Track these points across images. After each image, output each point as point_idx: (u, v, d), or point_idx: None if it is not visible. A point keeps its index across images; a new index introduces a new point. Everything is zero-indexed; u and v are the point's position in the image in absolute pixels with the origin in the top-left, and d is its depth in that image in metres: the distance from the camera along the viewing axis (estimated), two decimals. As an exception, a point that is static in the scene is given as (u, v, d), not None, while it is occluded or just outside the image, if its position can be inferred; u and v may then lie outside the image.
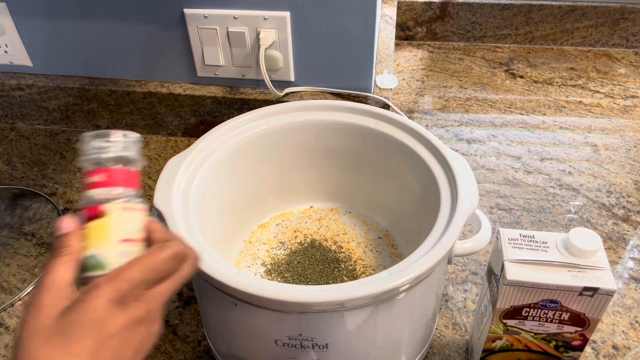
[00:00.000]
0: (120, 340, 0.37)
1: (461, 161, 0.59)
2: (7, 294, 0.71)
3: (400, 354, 0.57)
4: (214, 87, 0.90)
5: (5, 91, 0.94)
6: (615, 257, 0.73)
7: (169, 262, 0.40)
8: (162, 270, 0.39)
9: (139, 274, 0.38)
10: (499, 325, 0.54)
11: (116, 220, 0.38)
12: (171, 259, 0.40)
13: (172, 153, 0.92)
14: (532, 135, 0.94)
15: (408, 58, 1.15)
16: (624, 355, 0.63)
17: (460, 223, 0.52)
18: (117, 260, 0.38)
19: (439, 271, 0.54)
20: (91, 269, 0.38)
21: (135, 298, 0.38)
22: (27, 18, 0.88)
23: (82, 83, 0.92)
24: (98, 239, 0.38)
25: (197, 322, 0.67)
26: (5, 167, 0.91)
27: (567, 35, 1.14)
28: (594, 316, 0.51)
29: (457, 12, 1.14)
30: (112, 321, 0.36)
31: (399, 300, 0.50)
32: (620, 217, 0.79)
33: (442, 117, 0.98)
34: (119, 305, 0.37)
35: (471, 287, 0.70)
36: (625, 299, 0.68)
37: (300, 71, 0.86)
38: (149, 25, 0.85)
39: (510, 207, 0.81)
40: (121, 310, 0.37)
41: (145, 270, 0.38)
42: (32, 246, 0.77)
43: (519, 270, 0.50)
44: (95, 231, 0.38)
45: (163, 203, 0.55)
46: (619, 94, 1.02)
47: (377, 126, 0.65)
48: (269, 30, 0.80)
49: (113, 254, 0.39)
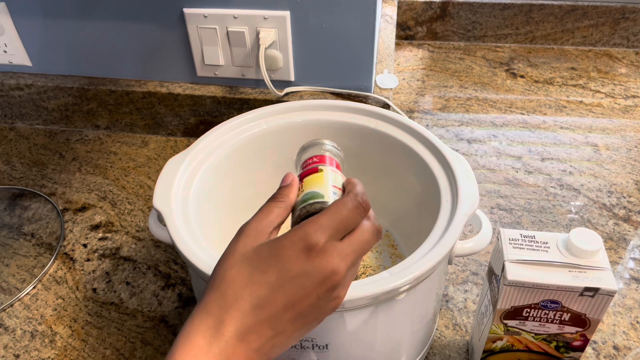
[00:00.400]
0: (298, 287, 0.37)
1: (462, 161, 0.58)
2: (6, 294, 0.71)
3: (401, 354, 0.57)
4: (214, 87, 0.90)
5: (4, 91, 0.94)
6: (616, 258, 0.73)
7: (353, 210, 0.40)
8: (348, 217, 0.39)
9: (326, 221, 0.38)
10: (499, 325, 0.53)
11: (329, 174, 0.45)
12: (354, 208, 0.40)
13: (171, 153, 0.92)
14: (532, 135, 0.94)
15: (408, 58, 1.14)
16: (624, 355, 0.62)
17: (460, 223, 0.52)
18: (331, 196, 0.43)
19: (439, 271, 0.53)
20: (310, 199, 0.43)
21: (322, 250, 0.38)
22: (27, 18, 0.88)
23: (82, 83, 0.92)
24: (315, 183, 0.44)
25: (197, 322, 0.67)
26: (4, 167, 0.91)
27: (568, 35, 1.14)
28: (594, 316, 0.50)
29: (458, 11, 1.14)
30: (295, 263, 0.37)
31: (399, 301, 0.49)
32: (621, 217, 0.79)
33: (442, 117, 0.98)
34: (306, 251, 0.37)
35: (472, 288, 0.70)
36: (626, 299, 0.68)
37: (300, 71, 0.86)
38: (149, 24, 0.85)
39: (511, 207, 0.80)
40: (306, 256, 0.37)
41: (332, 217, 0.39)
42: (31, 246, 0.77)
43: (520, 271, 0.49)
44: (313, 179, 0.45)
45: (162, 203, 0.55)
46: (619, 94, 1.02)
47: (377, 126, 0.65)
48: (268, 29, 0.80)
49: (328, 191, 0.43)
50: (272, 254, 0.38)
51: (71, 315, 0.68)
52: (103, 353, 0.64)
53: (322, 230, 0.38)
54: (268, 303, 0.37)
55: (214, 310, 0.37)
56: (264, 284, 0.37)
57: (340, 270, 0.38)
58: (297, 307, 0.38)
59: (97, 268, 0.74)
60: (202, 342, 0.36)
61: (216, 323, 0.36)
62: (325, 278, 0.38)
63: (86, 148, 0.94)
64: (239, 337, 0.36)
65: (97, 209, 0.82)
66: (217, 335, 0.36)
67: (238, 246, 0.39)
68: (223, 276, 0.38)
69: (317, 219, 0.39)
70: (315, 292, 0.38)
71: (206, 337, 0.36)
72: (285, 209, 0.42)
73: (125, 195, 0.85)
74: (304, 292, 0.37)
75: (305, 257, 0.37)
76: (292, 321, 0.38)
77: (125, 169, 0.89)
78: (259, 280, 0.37)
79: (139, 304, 0.69)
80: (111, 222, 0.80)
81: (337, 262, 0.38)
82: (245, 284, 0.37)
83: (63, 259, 0.75)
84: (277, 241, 0.38)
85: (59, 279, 0.73)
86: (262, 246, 0.39)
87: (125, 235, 0.78)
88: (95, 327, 0.67)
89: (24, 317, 0.68)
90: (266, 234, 0.40)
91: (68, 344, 0.65)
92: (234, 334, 0.36)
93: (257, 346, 0.37)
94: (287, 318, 0.38)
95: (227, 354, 0.36)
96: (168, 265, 0.74)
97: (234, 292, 0.37)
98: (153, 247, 0.76)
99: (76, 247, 0.77)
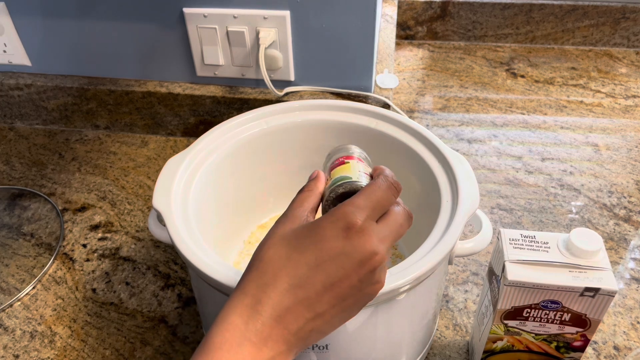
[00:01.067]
0: (338, 267, 0.37)
1: (462, 161, 0.58)
2: (6, 294, 0.71)
3: (401, 354, 0.57)
4: (214, 87, 0.90)
5: (4, 91, 0.94)
6: (617, 258, 0.73)
7: (387, 191, 0.40)
8: (383, 198, 0.39)
9: (363, 201, 0.38)
10: (499, 326, 0.53)
11: (357, 163, 0.46)
12: (387, 188, 0.40)
13: (171, 153, 0.92)
14: (533, 135, 0.93)
15: (408, 57, 1.14)
16: (625, 356, 0.62)
17: (461, 223, 0.51)
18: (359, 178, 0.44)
19: (439, 272, 0.53)
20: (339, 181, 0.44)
21: (360, 229, 0.37)
22: (26, 17, 0.87)
23: (81, 83, 0.92)
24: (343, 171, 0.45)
25: (197, 323, 0.67)
26: (4, 167, 0.91)
27: (568, 35, 1.14)
28: (595, 317, 0.50)
29: (458, 11, 1.13)
30: (334, 242, 0.37)
31: (399, 301, 0.49)
32: (622, 218, 0.79)
33: (442, 116, 0.98)
34: (345, 230, 0.37)
35: (472, 288, 0.70)
36: (627, 299, 0.68)
37: (300, 71, 0.86)
38: (148, 24, 0.85)
39: (511, 207, 0.80)
40: (345, 235, 0.37)
41: (367, 197, 0.39)
42: (30, 246, 0.77)
43: (520, 271, 0.49)
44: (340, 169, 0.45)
45: (162, 203, 0.55)
46: (620, 94, 1.02)
47: (377, 126, 0.65)
48: (268, 29, 0.80)
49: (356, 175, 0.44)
50: (311, 234, 0.38)
51: (71, 316, 0.68)
52: (103, 353, 0.64)
53: (359, 210, 0.38)
54: (306, 283, 0.36)
55: (251, 289, 0.37)
56: (303, 263, 0.37)
57: (381, 251, 0.38)
58: (337, 288, 0.37)
59: (96, 268, 0.74)
60: (239, 321, 0.36)
61: (253, 302, 0.36)
62: (365, 259, 0.37)
63: (86, 148, 0.94)
64: (275, 318, 0.36)
65: (96, 209, 0.82)
66: (254, 314, 0.36)
67: (277, 229, 0.40)
68: (261, 257, 0.38)
69: (354, 200, 0.39)
70: (355, 273, 0.37)
71: (243, 316, 0.36)
72: (315, 197, 0.43)
73: (124, 195, 0.84)
74: (344, 272, 0.37)
75: (344, 236, 0.37)
76: (331, 304, 0.37)
77: (124, 169, 0.89)
78: (298, 260, 0.37)
79: (139, 304, 0.69)
80: (111, 222, 0.80)
81: (376, 243, 0.37)
82: (284, 264, 0.37)
83: (62, 259, 0.75)
84: (315, 222, 0.39)
85: (58, 279, 0.73)
86: (301, 227, 0.39)
87: (125, 236, 0.78)
88: (95, 327, 0.67)
89: (24, 318, 0.68)
90: (303, 218, 0.40)
91: (67, 344, 0.65)
92: (270, 314, 0.36)
93: (294, 329, 0.37)
94: (325, 300, 0.37)
95: (263, 335, 0.36)
96: (168, 266, 0.74)
97: (272, 271, 0.37)
98: (153, 247, 0.76)
99: (76, 247, 0.77)
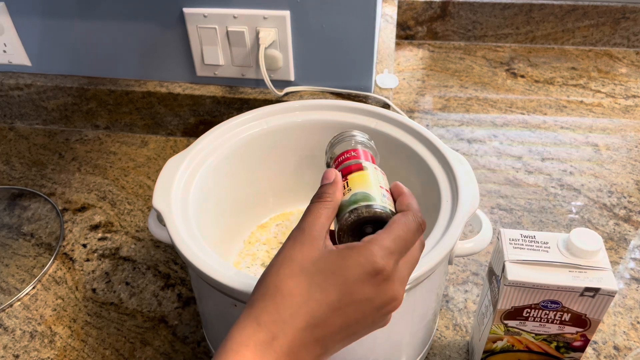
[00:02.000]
0: (358, 311, 0.36)
1: (462, 161, 0.58)
2: (5, 294, 0.71)
3: (401, 354, 0.57)
4: (214, 87, 0.90)
5: (4, 91, 0.94)
6: (617, 258, 0.73)
7: (415, 233, 0.39)
8: (411, 241, 0.38)
9: (392, 244, 0.37)
10: (499, 326, 0.53)
11: (373, 172, 0.43)
12: (417, 231, 0.39)
13: (171, 153, 0.92)
14: (533, 135, 0.93)
15: (408, 57, 1.14)
16: (625, 356, 0.62)
17: (461, 223, 0.51)
18: (381, 199, 0.41)
19: (439, 272, 0.53)
20: (360, 200, 0.40)
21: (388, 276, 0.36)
22: (26, 17, 0.87)
23: (81, 83, 0.92)
24: (362, 183, 0.42)
25: (197, 323, 0.67)
26: (3, 167, 0.91)
27: (568, 35, 1.14)
28: (595, 317, 0.50)
29: (458, 11, 1.13)
30: (360, 287, 0.36)
31: (399, 301, 0.49)
32: (622, 218, 0.79)
33: (442, 116, 0.98)
34: (372, 276, 0.36)
35: (472, 288, 0.70)
36: (627, 299, 0.68)
37: (300, 71, 0.86)
38: (148, 24, 0.85)
39: (511, 207, 0.80)
40: (372, 281, 0.36)
41: (397, 240, 0.37)
42: (30, 246, 0.77)
43: (520, 271, 0.49)
44: (358, 178, 0.42)
45: (162, 203, 0.55)
46: (620, 94, 1.02)
47: (377, 126, 0.65)
48: (268, 29, 0.80)
49: (377, 193, 0.41)
50: (335, 272, 0.36)
51: (71, 316, 0.68)
52: (102, 353, 0.64)
53: (389, 254, 0.36)
54: (324, 324, 0.36)
55: (267, 323, 0.35)
56: (324, 304, 0.35)
57: (400, 296, 0.37)
58: (352, 328, 0.37)
59: (96, 268, 0.74)
60: (253, 357, 0.35)
61: (269, 338, 0.35)
62: (386, 304, 0.37)
63: (86, 148, 0.94)
64: (289, 354, 0.35)
65: (96, 209, 0.82)
66: (268, 349, 0.35)
67: (294, 254, 0.37)
68: (278, 286, 0.36)
69: (382, 241, 0.37)
70: (372, 316, 0.37)
71: (257, 353, 0.35)
72: (333, 210, 0.40)
73: (124, 195, 0.84)
74: (362, 315, 0.36)
75: (371, 282, 0.36)
76: (342, 340, 0.37)
77: (124, 169, 0.89)
78: (319, 299, 0.35)
79: (139, 304, 0.69)
80: (111, 222, 0.80)
81: (398, 289, 0.37)
82: (304, 300, 0.35)
83: (62, 259, 0.75)
84: (340, 258, 0.36)
85: (58, 279, 0.73)
86: (323, 259, 0.36)
87: (125, 236, 0.78)
88: (95, 327, 0.67)
89: (24, 318, 0.68)
90: (321, 240, 0.38)
91: (67, 344, 0.65)
92: (285, 351, 0.35)
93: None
94: (338, 338, 0.37)
95: None
96: (168, 266, 0.74)
97: (291, 307, 0.35)
98: (153, 247, 0.76)
99: (76, 247, 0.77)
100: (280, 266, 0.37)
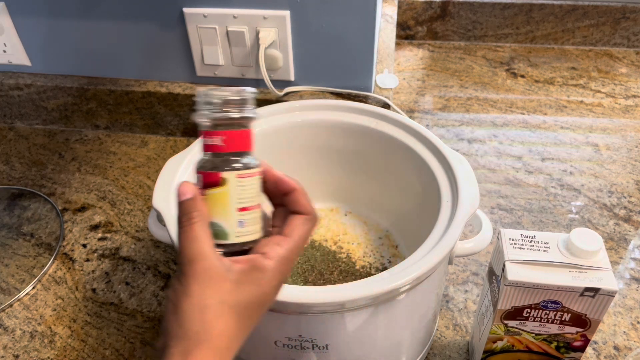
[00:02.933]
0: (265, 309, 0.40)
1: (462, 161, 0.58)
2: (5, 294, 0.71)
3: (401, 354, 0.57)
4: (214, 87, 0.90)
5: (3, 91, 0.94)
6: (617, 258, 0.73)
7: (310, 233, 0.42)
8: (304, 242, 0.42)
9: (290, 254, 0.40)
10: (499, 326, 0.53)
11: (234, 189, 0.39)
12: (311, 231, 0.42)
13: (171, 153, 0.92)
14: (533, 135, 0.93)
15: (408, 57, 1.14)
16: (625, 356, 0.62)
17: (461, 223, 0.51)
18: (235, 230, 0.39)
19: (439, 272, 0.53)
20: (216, 236, 0.39)
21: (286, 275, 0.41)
22: (26, 17, 0.87)
23: (81, 83, 0.92)
24: (218, 208, 0.39)
25: (197, 322, 0.67)
26: (3, 167, 0.91)
27: (568, 35, 1.14)
28: (595, 317, 0.50)
29: (458, 11, 1.13)
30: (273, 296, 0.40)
31: (399, 301, 0.49)
32: (622, 218, 0.79)
33: (442, 116, 0.98)
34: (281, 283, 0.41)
35: (472, 288, 0.70)
36: (627, 299, 0.68)
37: (300, 70, 0.86)
38: (148, 24, 0.85)
39: (511, 207, 0.80)
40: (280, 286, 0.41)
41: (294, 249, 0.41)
42: (30, 246, 0.77)
43: (520, 271, 0.49)
44: (215, 199, 0.39)
45: (162, 203, 0.55)
46: (620, 94, 1.02)
47: (377, 126, 0.65)
48: (268, 29, 0.80)
49: (233, 223, 0.39)
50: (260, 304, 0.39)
51: (70, 316, 0.68)
52: (102, 353, 0.64)
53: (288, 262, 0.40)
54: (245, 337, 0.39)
55: None
56: (251, 326, 0.39)
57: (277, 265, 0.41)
58: None
59: (96, 268, 0.74)
60: None
61: None
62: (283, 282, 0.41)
63: (86, 148, 0.94)
64: None
65: (96, 209, 0.82)
66: None
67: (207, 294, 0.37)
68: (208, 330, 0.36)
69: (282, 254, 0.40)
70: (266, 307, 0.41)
71: None
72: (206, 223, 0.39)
73: (124, 195, 0.84)
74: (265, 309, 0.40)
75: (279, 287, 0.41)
76: None
77: (124, 169, 0.89)
78: (248, 326, 0.39)
79: (139, 304, 0.69)
80: (111, 222, 0.80)
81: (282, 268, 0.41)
82: (236, 334, 0.38)
83: (62, 259, 0.75)
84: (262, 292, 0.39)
85: (58, 279, 0.73)
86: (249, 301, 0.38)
87: (125, 236, 0.78)
88: (95, 327, 0.67)
89: (24, 318, 0.68)
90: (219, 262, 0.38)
91: (67, 344, 0.65)
92: None
93: None
94: None
95: None
96: (168, 266, 0.74)
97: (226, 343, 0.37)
98: (152, 247, 0.76)
99: (75, 247, 0.77)
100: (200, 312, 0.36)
